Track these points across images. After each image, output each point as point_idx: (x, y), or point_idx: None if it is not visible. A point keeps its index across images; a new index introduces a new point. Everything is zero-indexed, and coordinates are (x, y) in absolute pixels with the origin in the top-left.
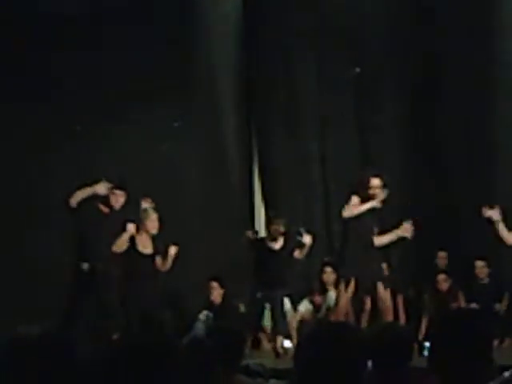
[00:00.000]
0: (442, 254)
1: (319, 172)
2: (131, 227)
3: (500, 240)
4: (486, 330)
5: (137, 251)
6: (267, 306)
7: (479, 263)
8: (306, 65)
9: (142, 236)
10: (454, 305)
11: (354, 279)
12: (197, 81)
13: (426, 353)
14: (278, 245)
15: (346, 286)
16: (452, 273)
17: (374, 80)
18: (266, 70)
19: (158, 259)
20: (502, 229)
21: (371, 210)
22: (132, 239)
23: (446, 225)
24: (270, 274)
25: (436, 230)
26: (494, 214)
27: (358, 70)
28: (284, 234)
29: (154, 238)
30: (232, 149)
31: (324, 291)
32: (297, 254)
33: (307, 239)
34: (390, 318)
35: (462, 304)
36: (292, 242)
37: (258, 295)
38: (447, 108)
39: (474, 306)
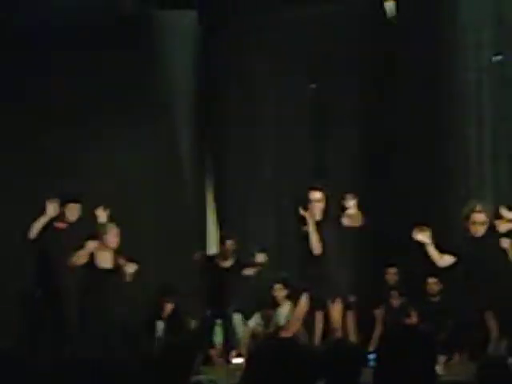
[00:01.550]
0: (391, 270)
1: (273, 187)
2: (91, 245)
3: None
4: (430, 347)
5: (96, 266)
6: (218, 322)
7: (431, 280)
8: (263, 80)
9: (101, 250)
10: (407, 321)
11: (306, 295)
12: (154, 95)
13: (371, 363)
14: (228, 263)
15: (297, 301)
16: (404, 289)
17: (330, 95)
18: (222, 85)
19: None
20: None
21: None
22: (91, 253)
23: (398, 240)
24: (220, 291)
25: (386, 246)
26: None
27: (313, 86)
28: (236, 252)
29: (114, 253)
30: (186, 164)
31: (275, 307)
32: (247, 271)
33: (260, 258)
34: (339, 334)
35: (415, 321)
36: (243, 261)
37: (208, 313)
38: (403, 123)
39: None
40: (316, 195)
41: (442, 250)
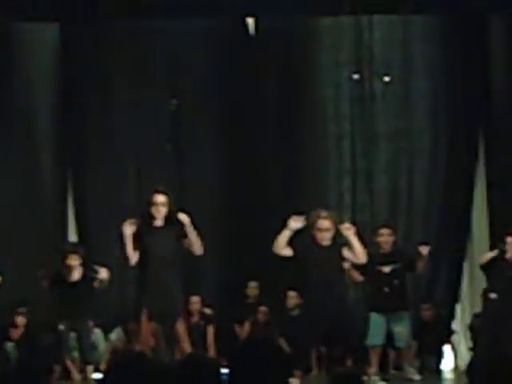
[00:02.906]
0: (252, 284)
1: (134, 204)
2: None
3: None
4: (285, 361)
5: None
6: (72, 336)
7: (291, 293)
8: (122, 95)
9: None
10: (269, 335)
11: (146, 310)
12: (16, 119)
13: (224, 378)
14: (75, 277)
15: (138, 315)
16: (265, 303)
17: (190, 113)
18: (81, 102)
19: None
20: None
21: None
22: None
23: (258, 254)
24: (71, 305)
25: (247, 259)
26: None
27: (174, 101)
28: (82, 266)
29: None
30: (48, 188)
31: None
32: (96, 285)
33: (104, 274)
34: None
35: (277, 335)
36: (89, 275)
37: (61, 327)
38: (266, 136)
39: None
40: (160, 198)
41: None
